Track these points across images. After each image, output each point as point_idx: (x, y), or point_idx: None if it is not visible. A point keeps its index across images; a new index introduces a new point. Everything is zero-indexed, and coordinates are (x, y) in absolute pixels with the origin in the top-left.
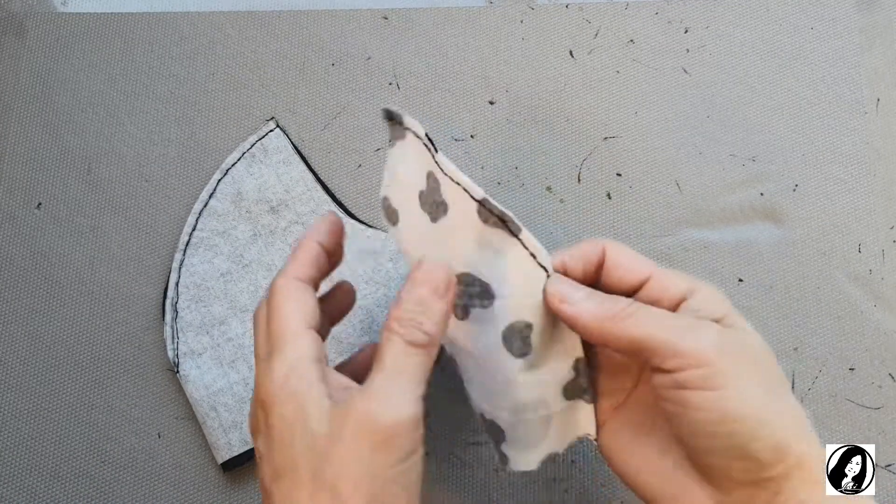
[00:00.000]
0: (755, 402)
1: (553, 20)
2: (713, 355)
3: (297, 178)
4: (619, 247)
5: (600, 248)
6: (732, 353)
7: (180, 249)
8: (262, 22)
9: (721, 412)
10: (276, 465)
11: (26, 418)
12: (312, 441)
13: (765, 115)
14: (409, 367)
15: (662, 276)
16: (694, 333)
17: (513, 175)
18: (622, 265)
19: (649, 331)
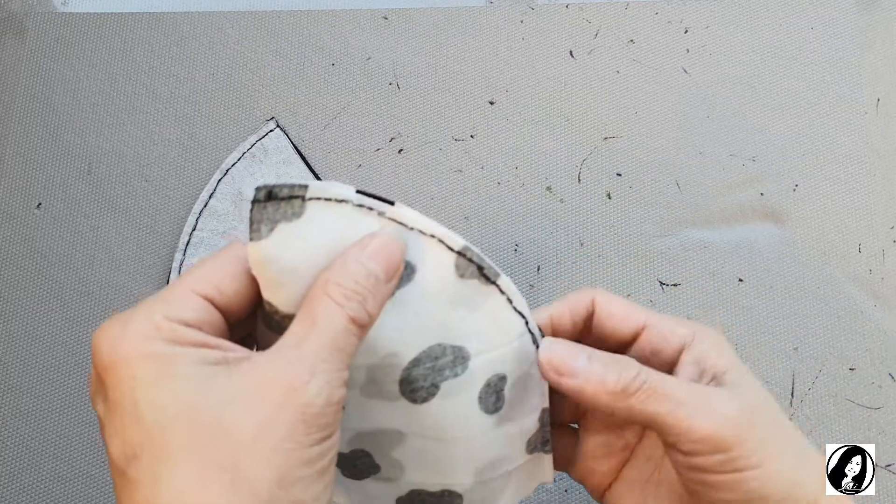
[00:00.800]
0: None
1: (553, 20)
2: (732, 439)
3: (297, 178)
4: (609, 295)
5: (589, 298)
6: (750, 428)
7: (180, 249)
8: (262, 22)
9: (744, 493)
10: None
11: (26, 418)
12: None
13: (765, 115)
14: (347, 346)
15: (659, 324)
16: (712, 413)
17: (513, 175)
18: (615, 315)
19: (663, 409)
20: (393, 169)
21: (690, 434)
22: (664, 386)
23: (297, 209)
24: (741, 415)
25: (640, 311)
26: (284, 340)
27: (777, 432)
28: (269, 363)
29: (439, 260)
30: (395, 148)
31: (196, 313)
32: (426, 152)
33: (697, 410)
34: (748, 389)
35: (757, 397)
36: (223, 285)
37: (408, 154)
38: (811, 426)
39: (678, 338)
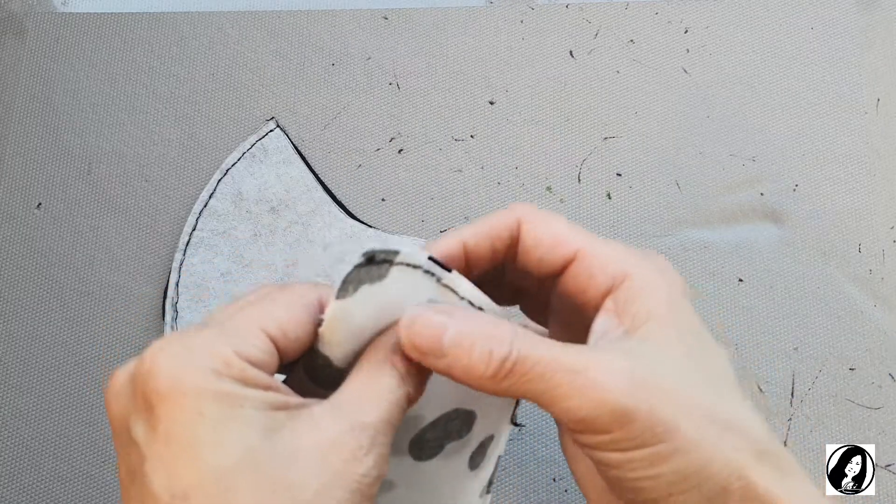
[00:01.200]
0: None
1: (553, 20)
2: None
3: (297, 178)
4: (540, 217)
5: (514, 221)
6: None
7: (180, 249)
8: (262, 22)
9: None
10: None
11: (26, 418)
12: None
13: (765, 115)
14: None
15: (591, 258)
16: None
17: (513, 175)
18: (543, 243)
19: (535, 389)
20: (393, 169)
21: (568, 414)
22: (539, 363)
23: (384, 272)
24: (630, 390)
25: (573, 237)
26: (344, 400)
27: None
28: (332, 422)
29: None
30: (395, 148)
31: (262, 353)
32: (426, 152)
33: (574, 390)
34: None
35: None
36: (289, 329)
37: (408, 154)
38: (811, 426)
39: (606, 277)
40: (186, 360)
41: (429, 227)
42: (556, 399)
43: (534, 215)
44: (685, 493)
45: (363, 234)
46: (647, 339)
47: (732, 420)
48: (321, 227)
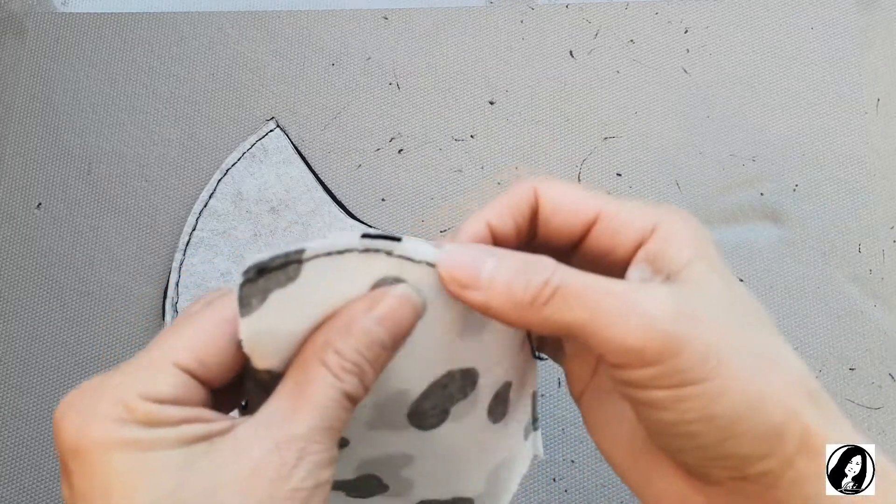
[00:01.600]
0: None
1: (553, 20)
2: (664, 351)
3: (297, 178)
4: (555, 183)
5: (531, 192)
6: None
7: (180, 249)
8: (262, 22)
9: (679, 412)
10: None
11: (26, 418)
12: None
13: (765, 115)
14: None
15: (613, 216)
16: (639, 319)
17: (513, 175)
18: (562, 208)
19: (578, 317)
20: (393, 169)
21: (612, 344)
22: (582, 289)
23: (293, 273)
24: (677, 319)
25: (593, 199)
26: (272, 412)
27: (737, 339)
28: (255, 442)
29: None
30: (395, 148)
31: (174, 388)
32: (426, 152)
33: (620, 316)
34: (702, 287)
35: (712, 295)
36: (206, 357)
37: (408, 154)
38: None
39: (634, 233)
40: (90, 414)
41: (429, 227)
42: (602, 328)
43: (549, 183)
44: (738, 437)
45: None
46: (688, 281)
47: (780, 359)
48: (321, 227)
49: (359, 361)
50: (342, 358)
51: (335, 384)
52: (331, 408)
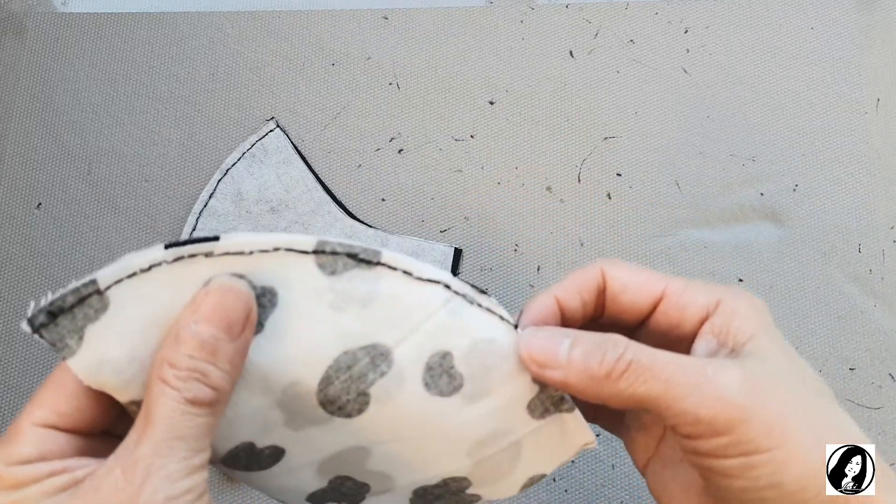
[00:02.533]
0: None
1: (553, 20)
2: (733, 420)
3: (297, 178)
4: (620, 265)
5: (598, 272)
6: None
7: None
8: (262, 22)
9: (750, 479)
10: None
11: None
12: None
13: (765, 115)
14: (189, 430)
15: (679, 293)
16: (710, 391)
17: (513, 175)
18: (629, 287)
19: (652, 390)
20: (393, 169)
21: (685, 416)
22: (655, 364)
23: (99, 304)
24: (746, 391)
25: (657, 279)
26: (126, 442)
27: (802, 409)
28: (106, 476)
29: (297, 269)
30: (395, 148)
31: (36, 446)
32: (426, 152)
33: (692, 389)
34: (767, 360)
35: (777, 368)
36: (60, 407)
37: (408, 154)
38: None
39: (698, 308)
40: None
41: (429, 227)
42: (675, 400)
43: (615, 263)
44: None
45: (363, 234)
46: (753, 354)
47: (842, 428)
48: (321, 227)
49: (194, 365)
50: (176, 368)
51: (173, 395)
52: (174, 418)
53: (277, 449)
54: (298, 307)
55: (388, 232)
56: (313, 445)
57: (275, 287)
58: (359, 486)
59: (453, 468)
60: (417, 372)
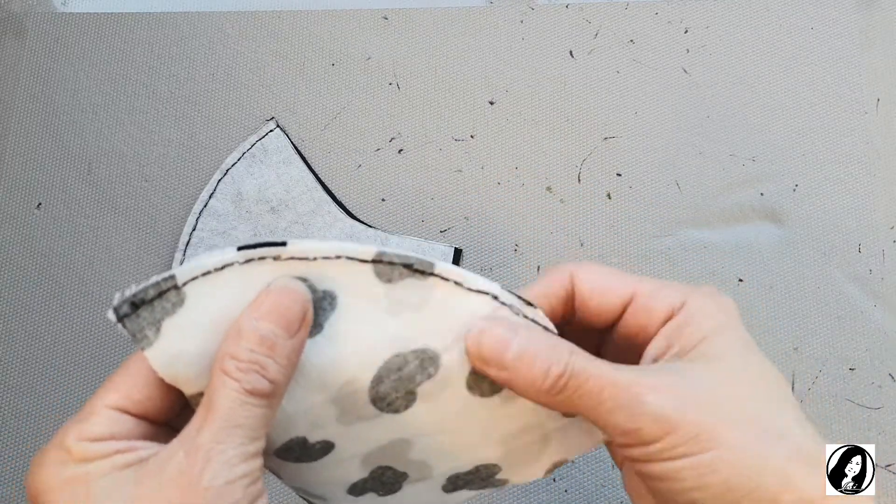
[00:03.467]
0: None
1: (553, 20)
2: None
3: (297, 178)
4: (591, 268)
5: (567, 276)
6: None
7: (180, 249)
8: (262, 22)
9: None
10: None
11: (26, 418)
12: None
13: (765, 115)
14: (247, 420)
15: (647, 296)
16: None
17: (513, 175)
18: (596, 292)
19: (585, 405)
20: (393, 169)
21: (615, 429)
22: (589, 380)
23: (176, 299)
24: (674, 403)
25: (625, 282)
26: (188, 428)
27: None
28: (170, 457)
29: (357, 277)
30: (395, 148)
31: (106, 427)
32: (426, 152)
33: (622, 404)
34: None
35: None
36: (133, 393)
37: (408, 154)
38: None
39: (663, 311)
40: (40, 464)
41: (429, 227)
42: (604, 413)
43: (584, 267)
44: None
45: (363, 234)
46: (697, 359)
47: (784, 431)
48: (321, 227)
49: (254, 358)
50: (237, 360)
51: (234, 385)
52: (234, 408)
53: (328, 443)
54: (356, 311)
55: (389, 232)
56: (361, 439)
57: (335, 291)
58: (398, 475)
59: (486, 456)
60: (462, 376)
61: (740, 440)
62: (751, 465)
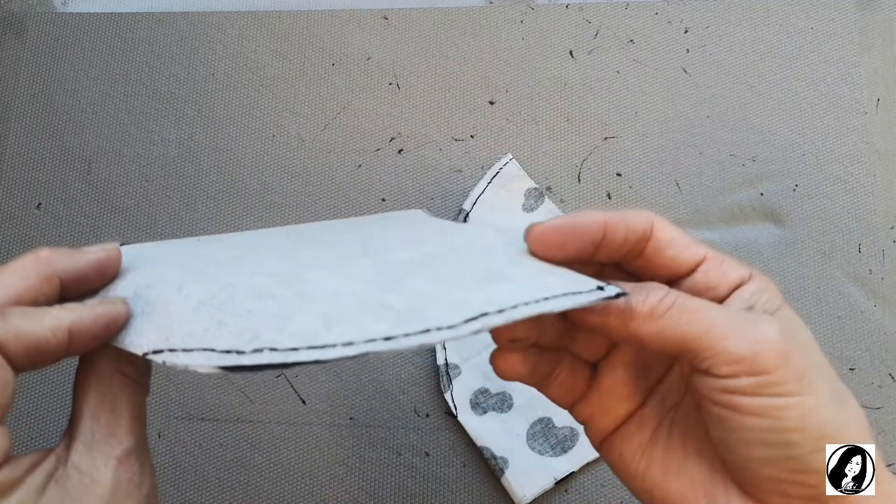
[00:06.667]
0: (821, 411)
1: (553, 20)
2: (774, 361)
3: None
4: (667, 223)
5: (648, 222)
6: (794, 355)
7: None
8: (262, 22)
9: (779, 420)
10: None
11: (26, 418)
12: None
13: (765, 115)
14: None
15: (720, 261)
16: (752, 334)
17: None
18: (676, 243)
19: (693, 330)
20: (393, 169)
21: (725, 356)
22: (699, 307)
23: None
24: (783, 340)
25: (699, 243)
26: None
27: (819, 371)
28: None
29: None
30: (395, 148)
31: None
32: (426, 152)
33: (735, 330)
34: (795, 327)
35: (803, 336)
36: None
37: (408, 154)
38: None
39: (735, 276)
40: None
41: None
42: (716, 339)
43: (664, 222)
44: (822, 451)
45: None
46: (783, 318)
47: (846, 398)
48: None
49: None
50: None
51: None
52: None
53: None
54: None
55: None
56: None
57: None
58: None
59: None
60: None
61: (827, 392)
62: (838, 419)
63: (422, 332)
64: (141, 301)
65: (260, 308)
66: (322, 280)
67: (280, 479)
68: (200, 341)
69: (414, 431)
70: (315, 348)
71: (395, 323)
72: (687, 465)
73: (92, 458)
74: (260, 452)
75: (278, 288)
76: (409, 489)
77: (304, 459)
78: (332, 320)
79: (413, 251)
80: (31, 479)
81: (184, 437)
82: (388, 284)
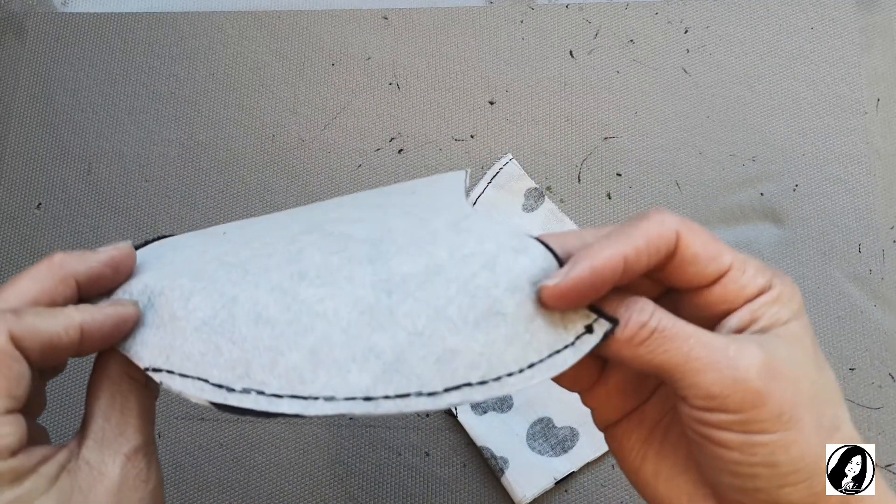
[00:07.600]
0: (799, 446)
1: (553, 20)
2: (750, 402)
3: None
4: (696, 231)
5: (672, 240)
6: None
7: None
8: (262, 22)
9: (749, 455)
10: None
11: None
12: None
13: (765, 115)
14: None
15: (741, 271)
16: (729, 370)
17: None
18: (700, 260)
19: (671, 360)
20: (393, 169)
21: (698, 390)
22: (678, 335)
23: None
24: (764, 374)
25: (725, 252)
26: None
27: (812, 400)
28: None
29: None
30: (395, 148)
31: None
32: (426, 152)
33: (711, 365)
34: (793, 345)
35: (799, 355)
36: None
37: (408, 154)
38: None
39: (754, 288)
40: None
41: None
42: (691, 372)
43: (690, 229)
44: (796, 485)
45: None
46: (782, 336)
47: (839, 423)
48: None
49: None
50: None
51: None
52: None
53: None
54: None
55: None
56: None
57: None
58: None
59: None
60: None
61: (814, 427)
62: (818, 452)
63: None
64: (152, 310)
65: (255, 335)
66: (318, 304)
67: (280, 479)
68: (196, 367)
69: (414, 431)
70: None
71: (378, 376)
72: (675, 473)
73: (101, 453)
74: (260, 452)
75: (275, 309)
76: (409, 489)
77: (304, 459)
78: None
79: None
80: (45, 468)
81: (184, 437)
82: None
